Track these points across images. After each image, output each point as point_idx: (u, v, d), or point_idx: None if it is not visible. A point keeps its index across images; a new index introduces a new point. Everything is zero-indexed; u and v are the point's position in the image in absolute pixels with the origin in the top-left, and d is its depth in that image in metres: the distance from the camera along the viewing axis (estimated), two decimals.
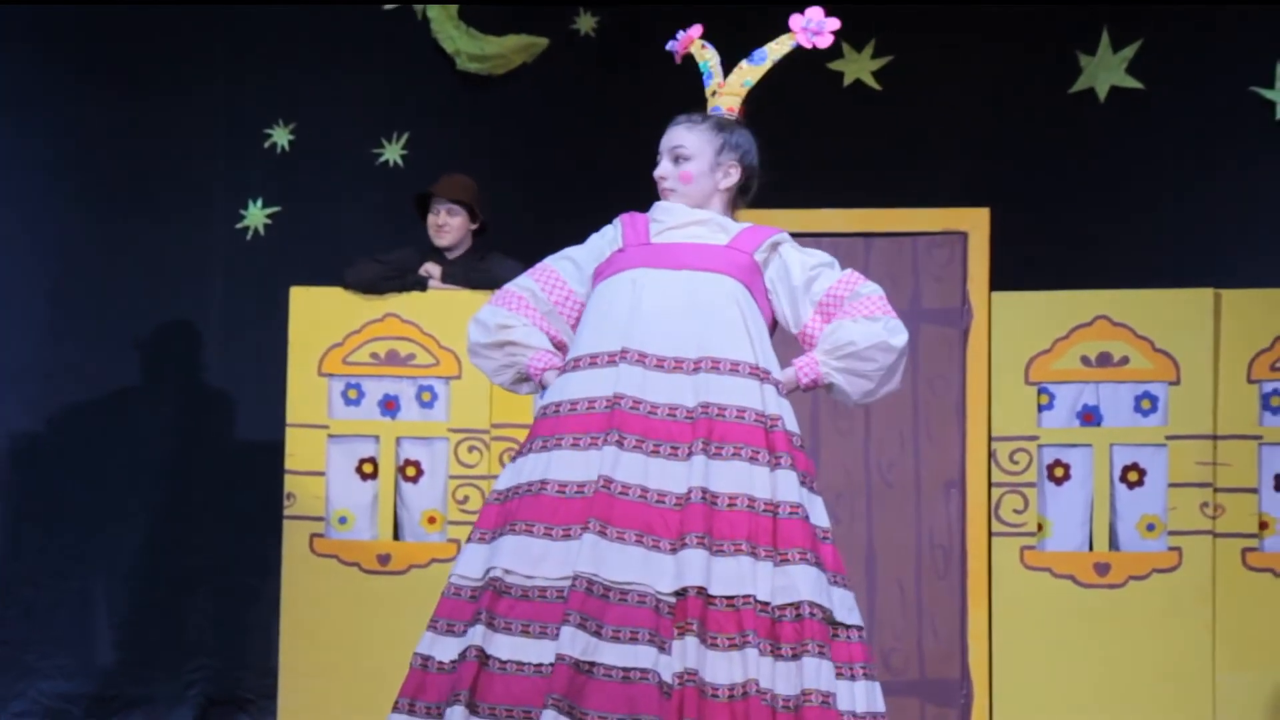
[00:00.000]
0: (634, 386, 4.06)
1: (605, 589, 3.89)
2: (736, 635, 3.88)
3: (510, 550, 3.97)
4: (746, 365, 4.09)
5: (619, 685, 3.82)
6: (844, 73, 7.87)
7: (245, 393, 7.80)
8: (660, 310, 4.13)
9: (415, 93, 8.05)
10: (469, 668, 3.89)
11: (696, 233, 4.25)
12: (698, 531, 3.91)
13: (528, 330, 4.32)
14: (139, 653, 7.78)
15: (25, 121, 8.01)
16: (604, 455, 3.98)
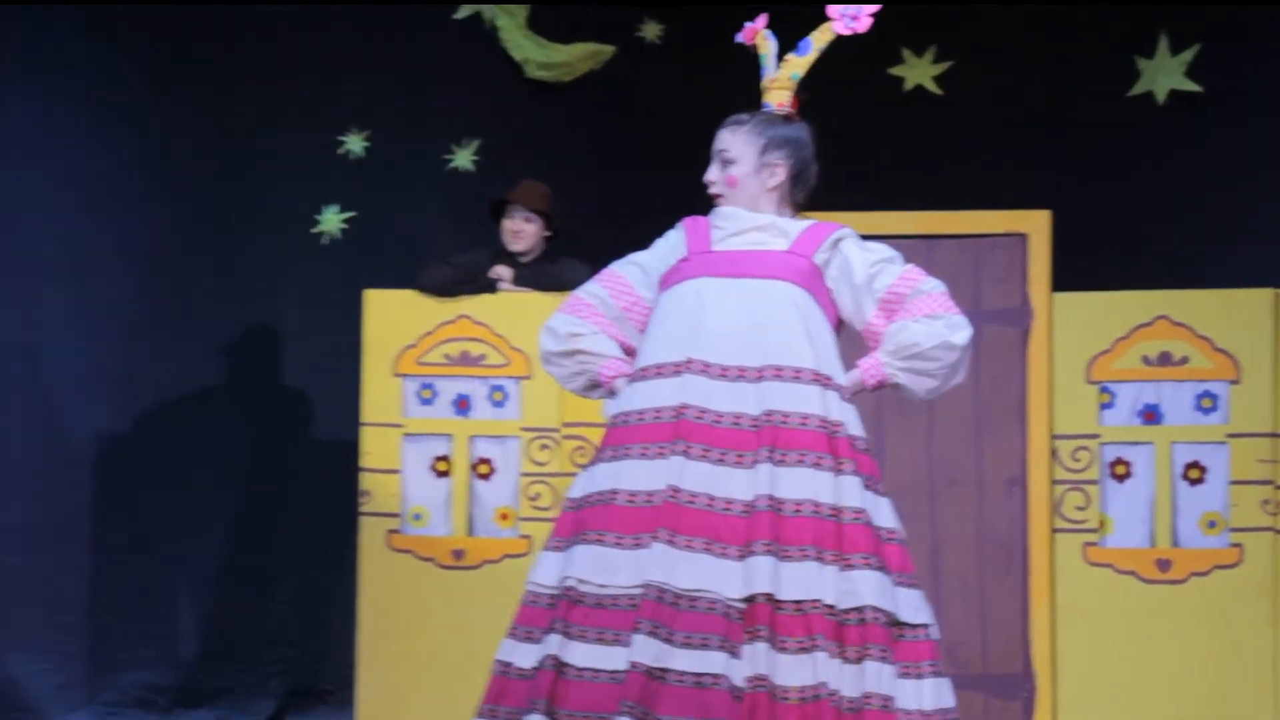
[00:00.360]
0: (699, 396, 4.04)
1: (675, 596, 3.90)
2: (805, 639, 3.88)
3: (583, 560, 3.98)
4: (809, 372, 4.07)
5: (691, 690, 3.83)
6: (905, 78, 7.92)
7: (322, 393, 7.85)
8: (723, 320, 4.11)
9: (485, 100, 8.09)
10: (546, 676, 3.91)
11: (757, 239, 4.23)
12: (765, 539, 3.92)
13: (597, 338, 4.31)
14: (222, 645, 7.85)
15: (108, 128, 8.06)
16: (670, 465, 3.98)
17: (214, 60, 8.07)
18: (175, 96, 8.06)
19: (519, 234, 6.89)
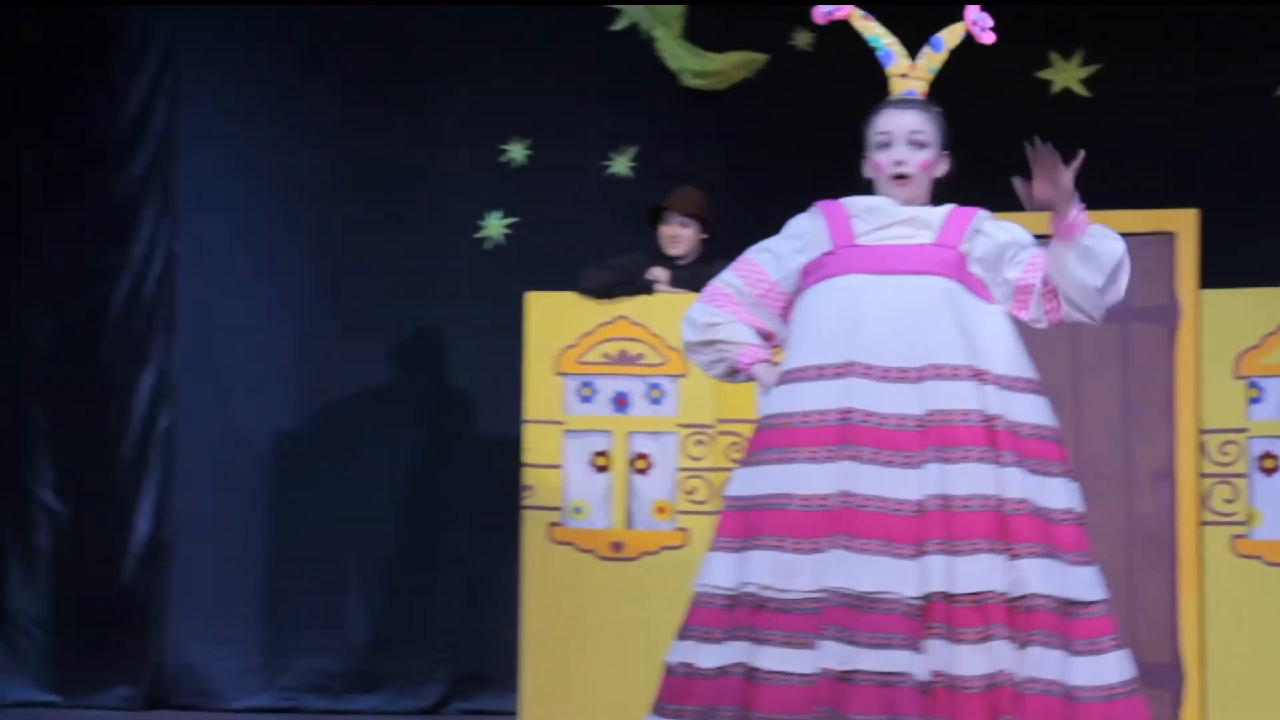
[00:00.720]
0: (865, 399, 4.01)
1: (857, 599, 3.89)
2: (982, 629, 3.88)
3: (761, 565, 3.97)
4: (965, 369, 4.04)
5: (877, 689, 3.83)
6: (1053, 81, 7.87)
7: (486, 392, 7.91)
8: (881, 320, 4.06)
9: (641, 108, 8.13)
10: (735, 683, 3.93)
11: (902, 233, 4.17)
12: (938, 538, 3.91)
13: (734, 327, 4.29)
14: (391, 633, 7.98)
15: (286, 133, 8.26)
16: (841, 469, 3.96)
17: (384, 69, 8.21)
18: (348, 103, 8.22)
19: (676, 238, 6.92)
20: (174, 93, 8.32)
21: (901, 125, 4.19)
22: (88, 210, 8.36)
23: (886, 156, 4.18)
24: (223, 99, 8.29)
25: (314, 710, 7.80)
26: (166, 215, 8.33)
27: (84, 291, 8.34)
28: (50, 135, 8.39)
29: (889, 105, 4.26)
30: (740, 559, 4.01)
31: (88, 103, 8.36)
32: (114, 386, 8.27)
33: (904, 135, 4.18)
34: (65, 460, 8.26)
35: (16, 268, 8.36)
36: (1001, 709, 3.85)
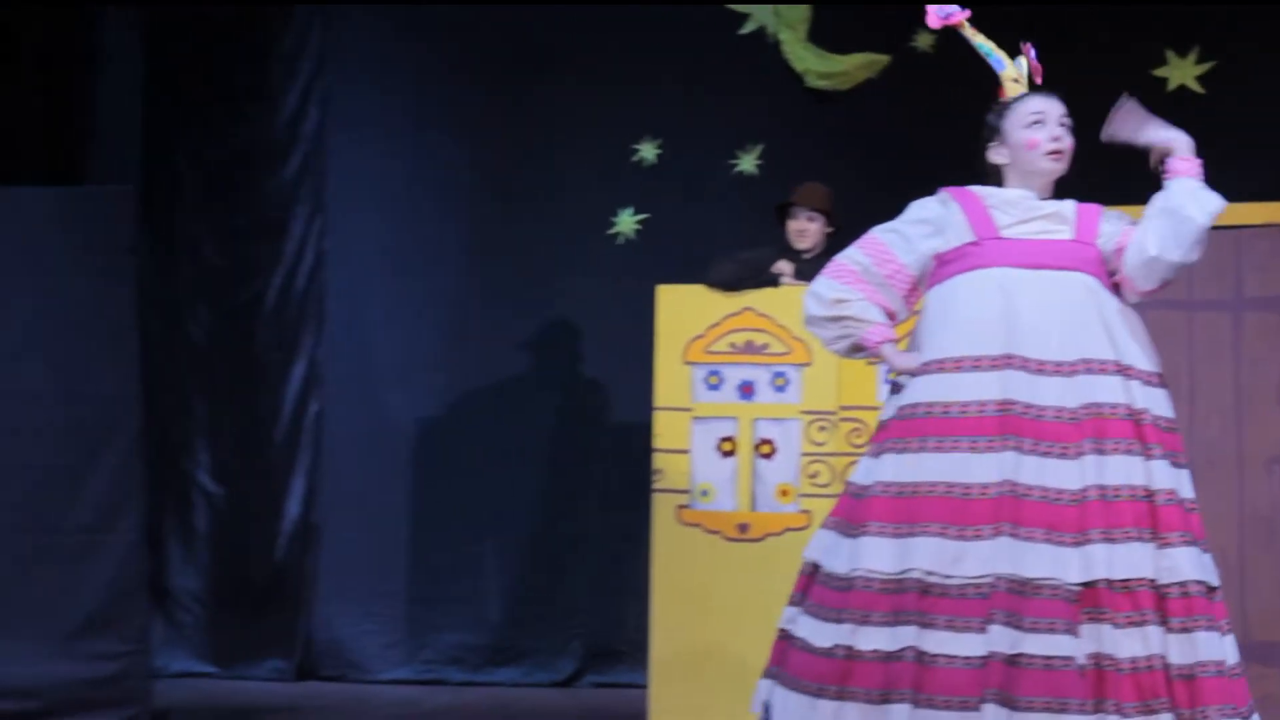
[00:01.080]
0: (1024, 392, 4.01)
1: (1022, 585, 3.91)
2: (1135, 614, 3.91)
3: (926, 552, 3.97)
4: (1111, 364, 4.07)
5: (1042, 673, 3.85)
6: (1168, 78, 7.84)
7: (618, 381, 8.00)
8: (1036, 315, 4.07)
9: (768, 108, 8.16)
10: (907, 667, 3.93)
11: (1045, 227, 4.19)
12: (1099, 527, 3.93)
13: (864, 305, 4.26)
14: (527, 610, 8.10)
15: (432, 131, 8.41)
16: (1004, 459, 3.97)
17: (522, 73, 8.33)
18: (487, 105, 8.35)
19: (803, 232, 6.88)
20: (325, 97, 8.53)
21: (1054, 109, 4.25)
22: (243, 210, 8.58)
23: (1044, 134, 4.22)
24: (370, 103, 8.49)
25: (453, 682, 7.93)
26: (317, 214, 8.53)
27: (239, 287, 8.56)
28: (208, 140, 8.61)
29: (1035, 92, 4.30)
30: (903, 544, 4.00)
31: (243, 109, 8.59)
32: (267, 376, 8.49)
33: (1056, 117, 4.24)
34: (221, 446, 8.48)
35: (176, 266, 8.59)
36: (1156, 692, 3.89)
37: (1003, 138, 4.28)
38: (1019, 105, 4.28)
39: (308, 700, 7.72)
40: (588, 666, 8.13)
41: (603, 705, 7.60)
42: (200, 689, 7.99)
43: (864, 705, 3.96)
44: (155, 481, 8.09)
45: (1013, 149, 4.26)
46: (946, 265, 4.21)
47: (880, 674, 3.95)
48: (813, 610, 4.13)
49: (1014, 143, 4.25)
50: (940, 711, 3.88)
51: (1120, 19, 7.78)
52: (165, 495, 8.44)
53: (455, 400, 8.33)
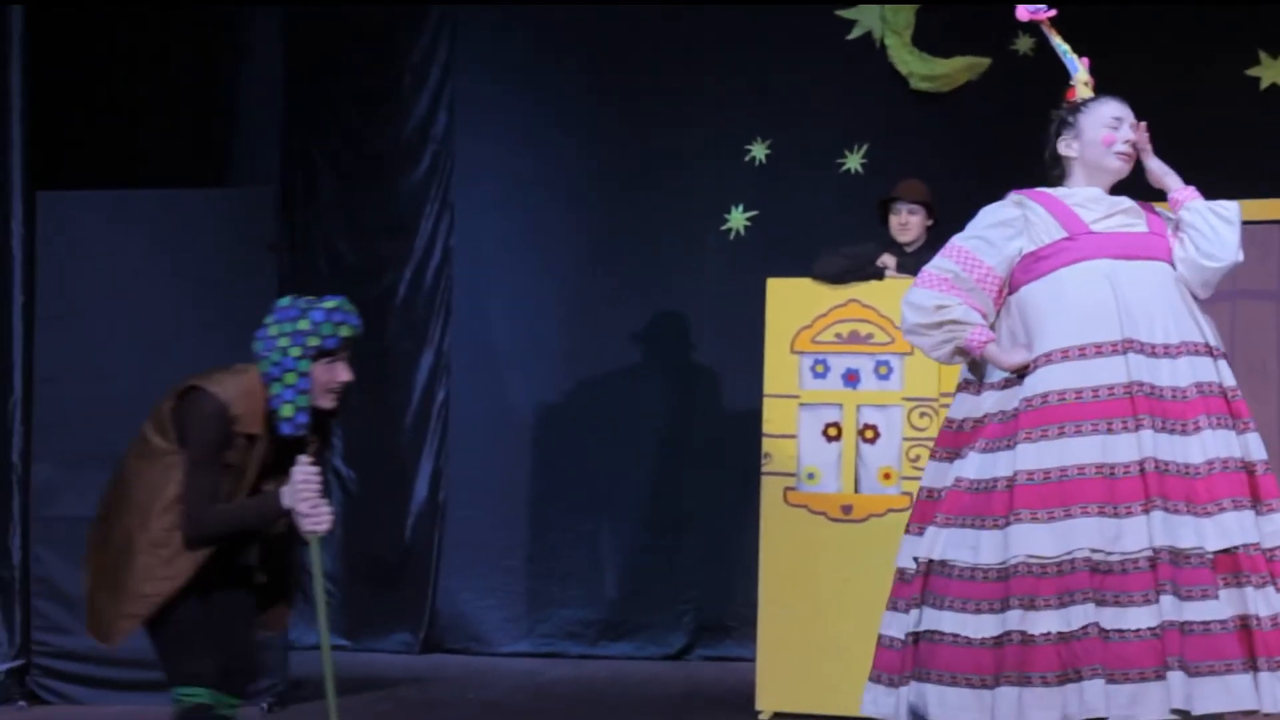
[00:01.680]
0: (1145, 373, 4.06)
1: (1176, 555, 3.97)
2: (1256, 576, 3.98)
3: (1088, 532, 3.99)
4: (1203, 345, 4.15)
5: (1203, 638, 3.93)
6: (1261, 78, 7.77)
7: (729, 369, 8.06)
8: (1142, 302, 4.11)
9: (873, 109, 8.20)
10: (1093, 644, 3.95)
11: (1125, 221, 4.24)
12: (1228, 496, 4.01)
13: (964, 309, 4.24)
14: (641, 586, 8.19)
15: (556, 130, 8.52)
16: (1142, 438, 4.01)
17: (640, 76, 8.44)
18: (606, 108, 8.45)
19: (906, 226, 6.84)
20: (452, 101, 8.68)
21: (1130, 116, 4.30)
22: (375, 209, 8.75)
23: (1120, 134, 4.26)
24: (494, 106, 8.62)
25: (571, 655, 8.05)
26: (444, 212, 8.69)
27: (371, 282, 8.70)
28: (344, 143, 8.80)
29: (1112, 98, 4.33)
30: (1060, 528, 4.01)
31: (377, 112, 8.76)
32: (397, 365, 8.64)
33: (1130, 122, 4.29)
34: (354, 432, 8.59)
35: (313, 262, 8.79)
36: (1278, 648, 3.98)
37: (1077, 132, 4.32)
38: (1099, 105, 4.32)
39: (432, 672, 7.83)
40: (698, 641, 8.20)
41: (712, 678, 7.63)
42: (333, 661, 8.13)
43: (1042, 690, 3.97)
44: None
45: (1086, 144, 4.31)
46: (1042, 261, 4.23)
47: (1056, 656, 3.96)
48: (958, 605, 4.11)
49: (1089, 139, 4.30)
50: (1127, 684, 3.92)
51: (1213, 21, 7.74)
52: None
53: (574, 387, 8.43)
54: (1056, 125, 4.40)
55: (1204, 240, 4.18)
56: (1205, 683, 3.91)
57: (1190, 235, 4.21)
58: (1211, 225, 4.19)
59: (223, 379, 4.45)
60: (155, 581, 4.39)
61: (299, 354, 4.41)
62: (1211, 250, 4.18)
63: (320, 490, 4.50)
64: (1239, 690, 3.92)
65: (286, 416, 4.42)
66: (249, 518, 4.43)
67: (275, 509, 4.43)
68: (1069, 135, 4.35)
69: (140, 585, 4.39)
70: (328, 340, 4.45)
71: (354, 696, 7.17)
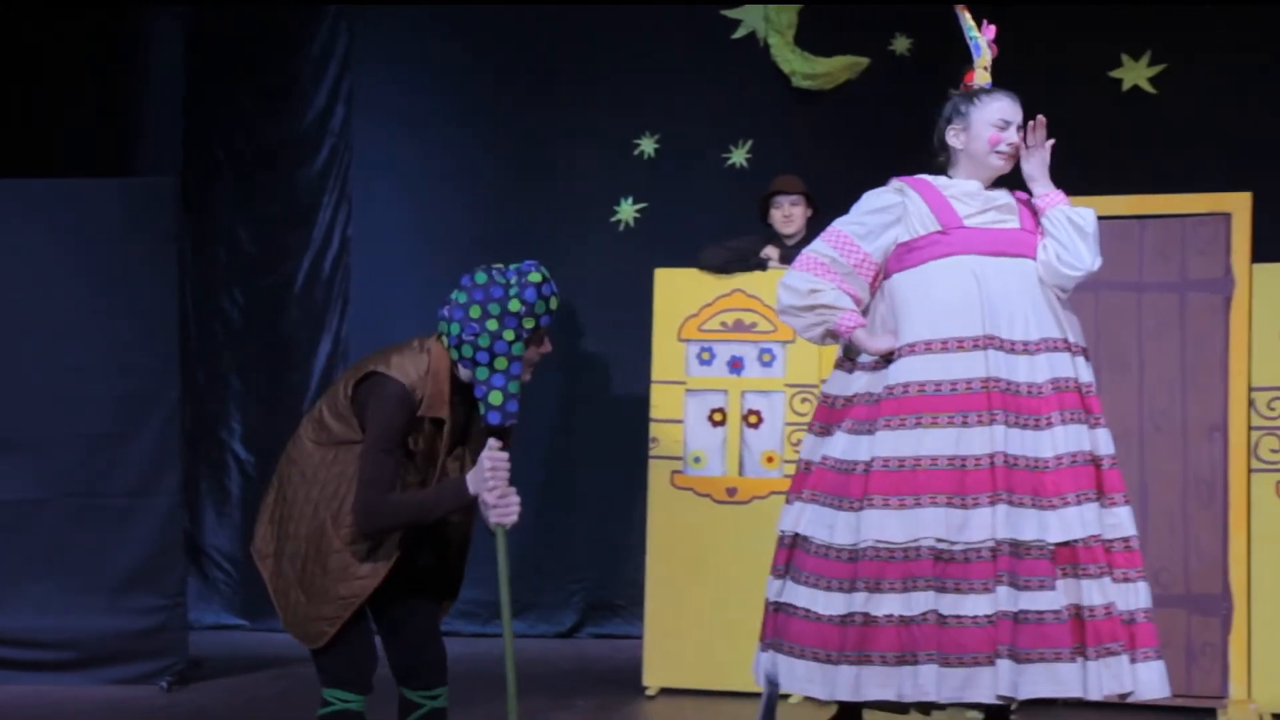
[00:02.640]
0: (1003, 369, 4.09)
1: (1017, 547, 4.01)
2: (1094, 567, 4.04)
3: (934, 521, 4.03)
4: (1061, 342, 4.18)
5: (1036, 626, 3.98)
6: (1123, 79, 7.86)
7: (619, 356, 8.06)
8: (1005, 299, 4.14)
9: (757, 106, 8.21)
10: (929, 629, 3.99)
11: (998, 217, 4.26)
12: (1071, 491, 4.05)
13: (836, 294, 4.27)
14: (533, 566, 8.11)
15: (443, 133, 8.44)
16: (994, 432, 4.04)
17: (532, 75, 8.38)
18: (500, 104, 8.39)
19: (790, 218, 6.87)
20: (350, 95, 8.60)
21: (1016, 115, 4.30)
22: (275, 200, 8.66)
23: (1005, 136, 4.27)
24: (391, 100, 8.55)
25: (465, 634, 7.89)
26: (342, 203, 8.61)
27: (271, 271, 8.64)
28: (243, 135, 8.69)
29: (1005, 94, 4.32)
30: (909, 515, 4.05)
31: (276, 106, 8.67)
32: (296, 353, 8.57)
33: (1016, 124, 4.30)
34: (253, 416, 8.56)
35: (214, 251, 8.68)
36: (1116, 636, 4.02)
37: (966, 124, 4.31)
38: (990, 101, 4.31)
39: None
40: (587, 619, 8.20)
41: (601, 656, 7.63)
42: (231, 641, 8.04)
43: (881, 669, 4.02)
44: (193, 449, 8.23)
45: (972, 139, 4.30)
46: (915, 252, 4.26)
47: (896, 638, 4.01)
48: (811, 581, 4.15)
49: (975, 133, 4.29)
50: (960, 668, 3.96)
51: (1077, 22, 7.82)
52: (201, 462, 8.52)
53: None
54: (949, 111, 4.37)
55: (1061, 249, 4.21)
56: (1033, 669, 3.96)
57: (1049, 242, 4.24)
58: (1069, 234, 4.22)
59: (402, 361, 4.04)
60: (353, 581, 4.00)
61: (513, 338, 4.00)
62: (1067, 259, 4.21)
63: (509, 479, 4.10)
64: (1065, 678, 3.98)
65: (496, 405, 4.03)
66: (432, 505, 4.02)
67: (461, 496, 4.03)
68: (958, 125, 4.33)
69: (337, 586, 3.99)
70: (543, 319, 4.05)
71: (253, 675, 7.12)
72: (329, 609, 4.01)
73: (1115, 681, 4.02)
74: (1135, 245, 6.21)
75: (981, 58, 4.39)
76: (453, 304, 4.05)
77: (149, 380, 6.81)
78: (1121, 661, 4.03)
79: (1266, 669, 6.03)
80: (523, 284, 4.03)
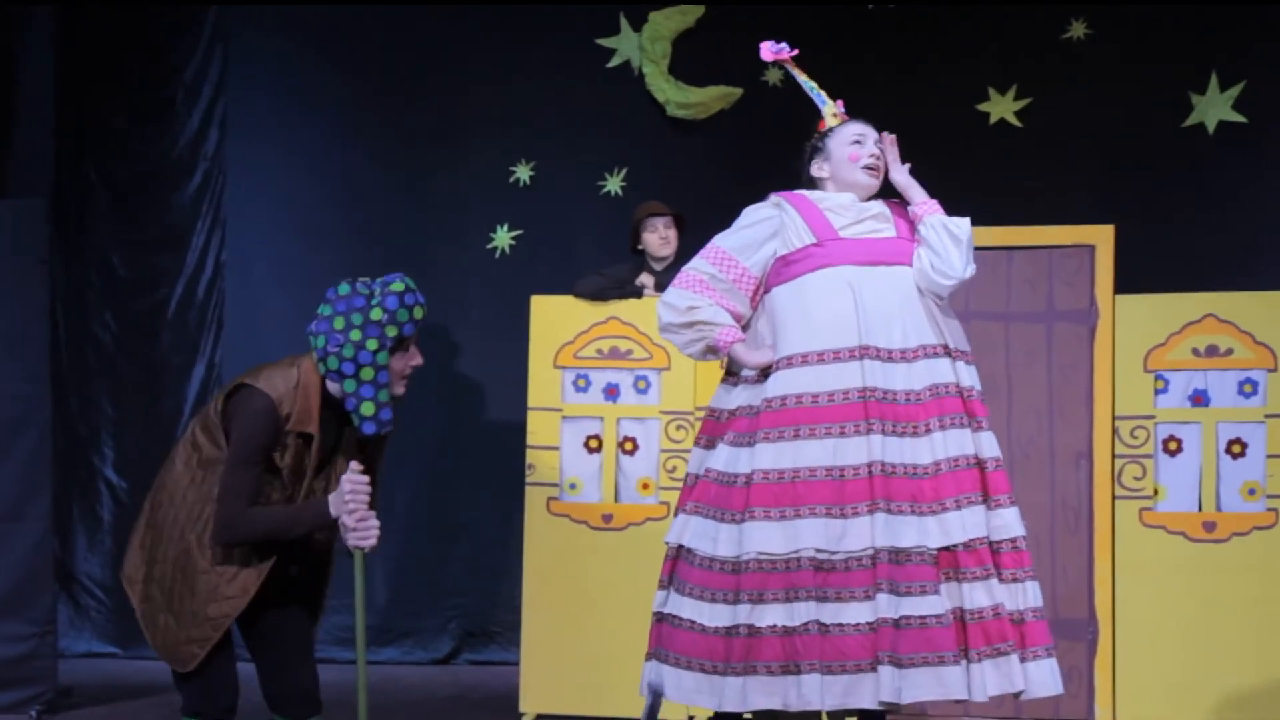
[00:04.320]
0: (879, 379, 4.06)
1: (897, 554, 3.97)
2: (980, 569, 4.01)
3: (814, 532, 4.00)
4: (941, 348, 4.15)
5: (919, 631, 3.94)
6: (990, 113, 7.92)
7: (495, 382, 7.96)
8: (880, 308, 4.12)
9: (632, 135, 8.16)
10: (812, 639, 3.96)
11: (874, 227, 4.24)
12: (951, 496, 4.02)
13: (713, 309, 4.27)
14: (409, 593, 8.01)
15: (317, 162, 8.28)
16: (871, 442, 4.01)
17: (409, 105, 8.27)
18: (382, 124, 8.28)
19: (667, 240, 6.84)
20: (224, 119, 8.43)
21: (871, 133, 4.33)
22: (148, 224, 8.45)
23: (862, 150, 4.29)
24: (266, 123, 8.37)
25: (340, 661, 7.68)
26: (216, 228, 8.42)
27: (144, 295, 8.43)
28: (117, 158, 8.47)
29: (854, 119, 4.36)
30: (789, 527, 4.02)
31: (149, 129, 8.45)
32: (169, 377, 8.36)
33: (873, 139, 4.31)
34: (126, 442, 8.33)
35: (86, 275, 8.45)
36: (1004, 636, 3.99)
37: (826, 155, 4.35)
38: (843, 128, 4.36)
39: None
40: (464, 646, 8.09)
41: (478, 682, 7.53)
42: (103, 669, 7.85)
43: (766, 679, 3.99)
44: (64, 474, 8.02)
45: (835, 164, 4.33)
46: (791, 265, 4.24)
47: (780, 648, 3.98)
48: (696, 593, 4.11)
49: (837, 158, 4.32)
50: (838, 676, 3.93)
51: (948, 60, 7.87)
52: (73, 487, 8.30)
53: None
54: (809, 152, 4.43)
55: (935, 257, 4.18)
56: (917, 674, 3.93)
57: (924, 250, 4.21)
58: (943, 242, 4.19)
59: (272, 375, 4.01)
60: (222, 602, 3.98)
61: (376, 347, 3.97)
62: (941, 267, 4.18)
63: (370, 502, 4.01)
64: (950, 681, 3.94)
65: (368, 415, 4.00)
66: (290, 523, 3.97)
67: (322, 517, 3.98)
68: (820, 159, 4.39)
69: (205, 607, 3.96)
70: (405, 328, 4.01)
71: (125, 703, 6.94)
72: (198, 631, 3.96)
73: (1005, 681, 4.00)
74: (1003, 276, 6.24)
75: (828, 106, 4.43)
76: (319, 318, 4.01)
77: (19, 405, 6.59)
78: (1011, 661, 4.00)
79: (1130, 692, 6.06)
80: (385, 293, 4.03)
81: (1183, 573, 6.06)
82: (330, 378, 4.00)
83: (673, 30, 8.15)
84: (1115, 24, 7.82)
